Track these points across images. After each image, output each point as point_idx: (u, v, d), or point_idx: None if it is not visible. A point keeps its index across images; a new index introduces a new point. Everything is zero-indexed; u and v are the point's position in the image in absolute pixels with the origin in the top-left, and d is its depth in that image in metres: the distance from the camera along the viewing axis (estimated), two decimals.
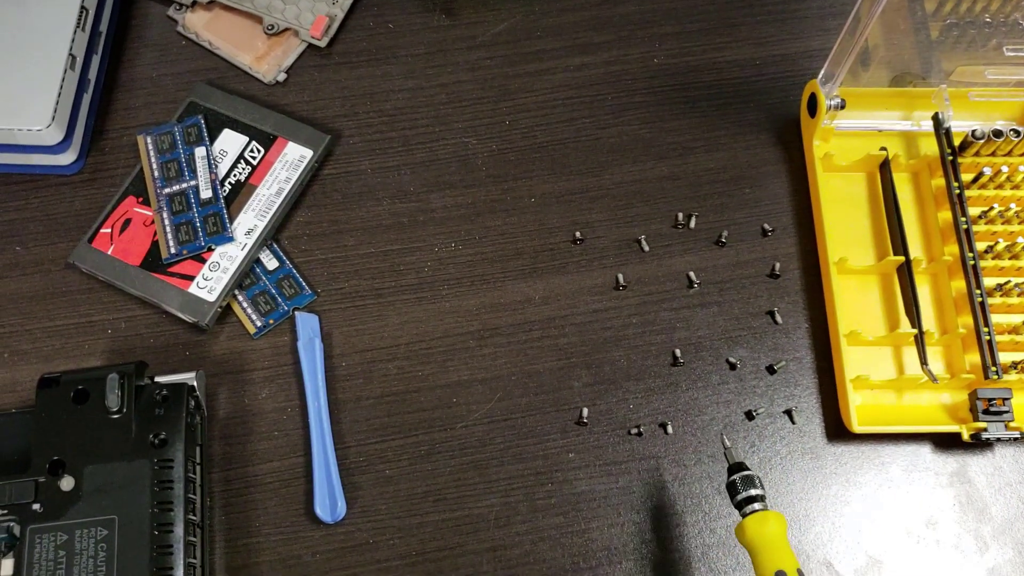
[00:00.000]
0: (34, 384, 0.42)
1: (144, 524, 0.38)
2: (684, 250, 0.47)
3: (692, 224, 0.47)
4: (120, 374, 0.40)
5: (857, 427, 0.42)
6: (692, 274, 0.46)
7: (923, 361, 0.43)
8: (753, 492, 0.37)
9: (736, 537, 0.38)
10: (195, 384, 0.42)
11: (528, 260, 0.47)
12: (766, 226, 0.47)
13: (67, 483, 0.38)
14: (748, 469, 0.38)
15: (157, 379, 0.42)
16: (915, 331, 0.43)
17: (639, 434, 0.43)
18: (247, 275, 0.46)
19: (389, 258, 0.47)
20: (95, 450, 0.39)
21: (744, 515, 0.37)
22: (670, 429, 0.43)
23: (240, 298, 0.45)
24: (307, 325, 0.45)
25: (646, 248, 0.47)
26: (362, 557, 0.41)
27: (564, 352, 0.45)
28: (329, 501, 0.41)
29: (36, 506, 0.38)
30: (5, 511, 0.38)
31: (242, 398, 0.44)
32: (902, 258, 0.44)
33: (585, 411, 0.43)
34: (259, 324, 0.45)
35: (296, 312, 0.45)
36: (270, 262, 0.46)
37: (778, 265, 0.46)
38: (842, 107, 0.47)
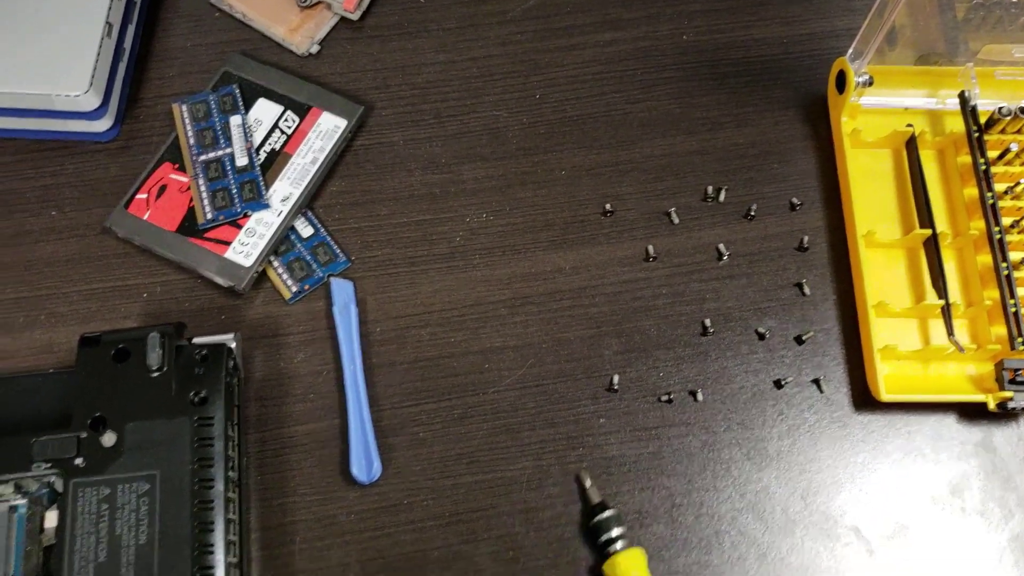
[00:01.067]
0: (71, 346, 0.43)
1: (185, 479, 0.38)
2: (713, 223, 0.47)
3: (721, 198, 0.48)
4: (160, 334, 0.41)
5: (885, 395, 0.42)
6: (721, 246, 0.47)
7: (950, 332, 0.43)
8: (618, 531, 0.40)
9: (605, 573, 0.40)
10: (233, 346, 0.42)
11: (559, 231, 0.47)
12: (794, 200, 0.48)
13: (109, 439, 0.39)
14: (610, 507, 0.40)
15: (195, 341, 0.42)
16: (942, 302, 0.44)
17: (669, 401, 0.44)
18: (282, 242, 0.46)
19: (421, 228, 0.47)
20: (136, 407, 0.39)
21: (610, 553, 0.39)
22: (700, 397, 0.44)
23: (275, 264, 0.46)
24: (342, 291, 0.45)
25: (676, 221, 0.47)
26: (396, 518, 0.42)
27: (594, 321, 0.45)
28: (365, 462, 0.42)
29: (78, 461, 0.39)
30: (49, 465, 0.39)
31: (277, 362, 0.44)
32: (929, 231, 0.45)
33: (616, 378, 0.44)
34: (294, 289, 0.46)
35: (331, 278, 0.46)
36: (305, 229, 0.47)
37: (806, 238, 0.47)
38: (870, 84, 0.47)
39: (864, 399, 0.44)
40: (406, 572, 0.41)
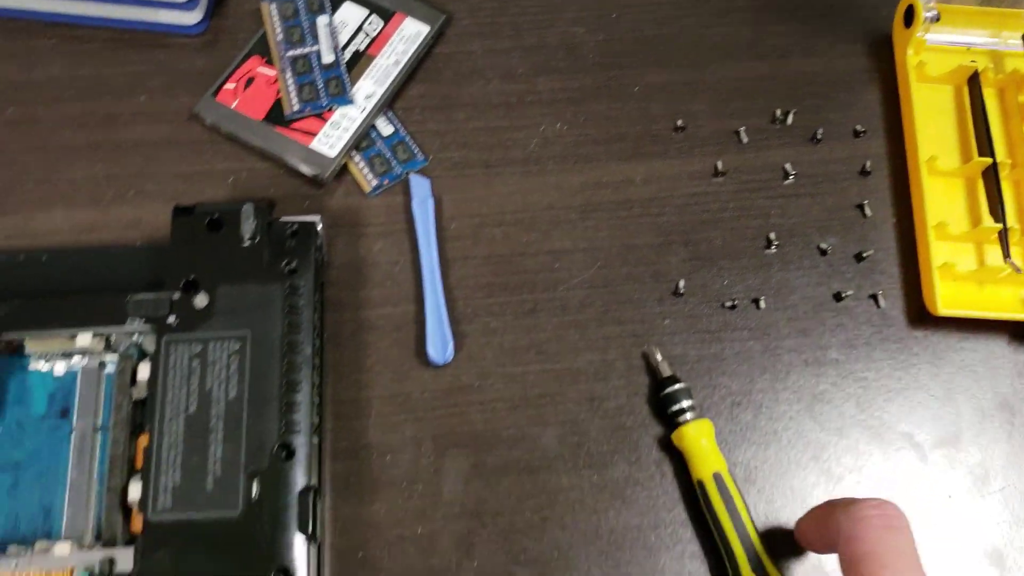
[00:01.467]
0: (158, 222, 0.45)
1: (275, 341, 0.40)
2: (781, 144, 0.49)
3: (789, 121, 0.49)
4: (255, 205, 0.42)
5: (942, 309, 0.44)
6: (787, 166, 0.48)
7: (1006, 254, 0.45)
8: (688, 403, 0.42)
9: (674, 442, 0.42)
10: (319, 227, 0.44)
11: (631, 144, 0.49)
12: (858, 128, 0.49)
13: (201, 300, 0.40)
14: (680, 381, 0.42)
15: (283, 219, 0.44)
16: (999, 226, 0.45)
17: (732, 307, 0.45)
18: (363, 138, 0.48)
19: (497, 133, 0.49)
20: (229, 273, 0.41)
21: (679, 423, 0.42)
22: (762, 305, 0.45)
23: (356, 158, 0.48)
24: (421, 186, 0.47)
25: (744, 140, 0.49)
26: (468, 398, 0.43)
27: (663, 230, 0.47)
28: (440, 343, 0.43)
29: (171, 319, 0.40)
30: (142, 321, 0.40)
31: (356, 250, 0.46)
32: (989, 160, 0.47)
33: (682, 283, 0.45)
34: (374, 183, 0.47)
35: (410, 174, 0.47)
36: (385, 128, 0.48)
37: (869, 163, 0.48)
38: (937, 19, 0.49)
39: (920, 316, 0.45)
40: (476, 448, 0.42)
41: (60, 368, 0.41)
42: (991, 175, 0.47)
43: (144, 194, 0.47)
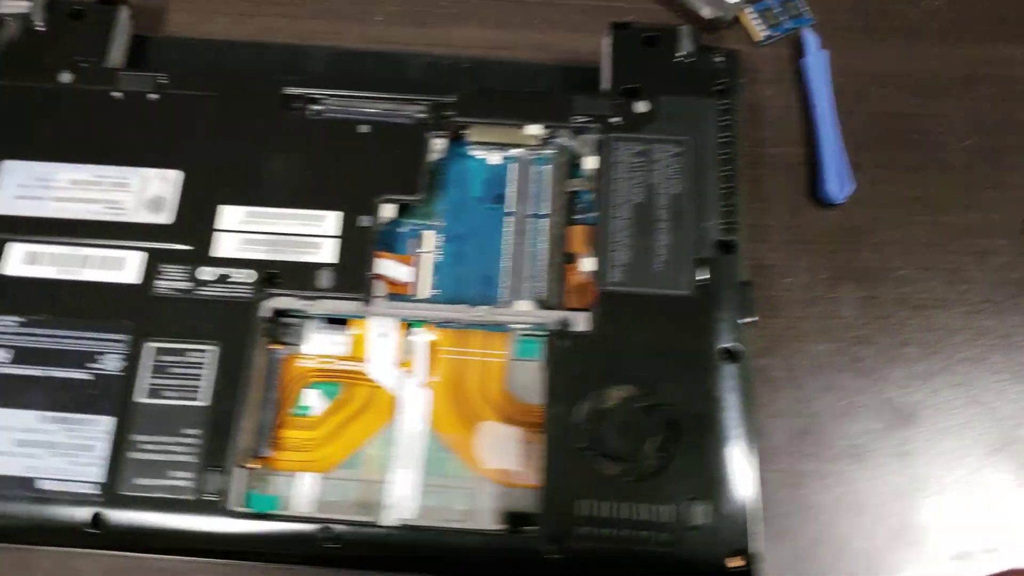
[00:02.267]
0: (563, 47, 0.48)
1: (711, 152, 0.42)
2: None
3: None
4: (689, 28, 0.45)
5: None
6: None
7: None
8: None
9: None
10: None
11: (1011, 27, 0.50)
12: None
13: (642, 106, 0.43)
14: None
15: None
16: None
17: None
18: None
19: (880, 3, 0.51)
20: (667, 85, 0.44)
21: None
22: None
23: (749, 10, 0.50)
24: (812, 40, 0.49)
25: None
26: (858, 238, 0.45)
27: None
28: (839, 181, 0.45)
29: (614, 120, 0.43)
30: (589, 119, 0.43)
31: (747, 93, 0.48)
32: None
33: None
34: (765, 34, 0.49)
35: (803, 29, 0.49)
36: None
37: None
38: None
39: None
40: (867, 283, 0.44)
41: (495, 158, 0.45)
42: None
43: (549, 22, 0.50)
